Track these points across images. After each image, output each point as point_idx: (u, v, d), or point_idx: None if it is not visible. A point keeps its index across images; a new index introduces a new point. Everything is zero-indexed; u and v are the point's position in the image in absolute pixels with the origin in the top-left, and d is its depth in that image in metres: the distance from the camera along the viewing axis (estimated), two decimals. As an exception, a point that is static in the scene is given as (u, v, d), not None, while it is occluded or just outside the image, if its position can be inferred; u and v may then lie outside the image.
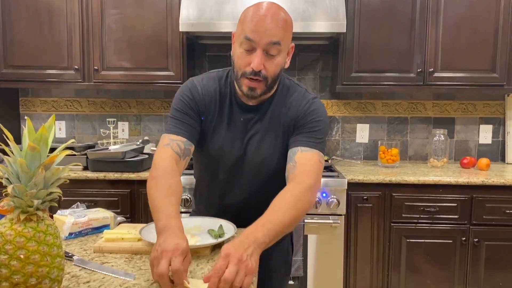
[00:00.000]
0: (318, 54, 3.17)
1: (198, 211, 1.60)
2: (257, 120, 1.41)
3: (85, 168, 2.65)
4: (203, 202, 1.58)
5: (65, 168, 0.94)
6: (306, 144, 1.35)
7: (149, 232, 1.28)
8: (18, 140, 3.36)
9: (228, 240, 1.26)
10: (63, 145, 0.97)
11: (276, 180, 1.40)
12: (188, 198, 2.46)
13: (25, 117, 0.93)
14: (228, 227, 1.32)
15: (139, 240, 1.25)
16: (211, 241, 1.22)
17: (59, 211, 1.43)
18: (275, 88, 1.41)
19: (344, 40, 2.77)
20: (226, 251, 0.98)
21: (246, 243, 1.03)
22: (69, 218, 1.35)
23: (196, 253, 1.19)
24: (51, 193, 0.92)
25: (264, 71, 1.29)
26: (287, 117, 1.40)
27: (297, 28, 2.57)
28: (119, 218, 1.47)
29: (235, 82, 1.37)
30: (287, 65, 1.40)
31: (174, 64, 2.83)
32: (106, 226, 1.43)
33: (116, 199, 2.58)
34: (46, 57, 2.86)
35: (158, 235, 1.06)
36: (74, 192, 2.58)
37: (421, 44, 2.76)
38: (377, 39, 2.76)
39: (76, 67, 2.84)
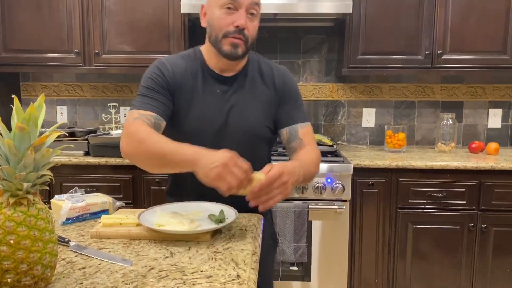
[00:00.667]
0: (323, 36, 3.09)
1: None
2: (234, 91, 1.42)
3: (87, 154, 2.62)
4: (183, 190, 1.46)
5: (56, 150, 0.89)
6: (301, 120, 1.46)
7: (148, 216, 1.25)
8: (19, 125, 3.26)
9: (229, 225, 1.23)
10: (55, 126, 0.92)
11: (258, 150, 1.45)
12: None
13: (12, 96, 0.88)
14: (229, 212, 1.28)
15: (138, 225, 1.21)
16: (212, 226, 1.18)
17: (56, 196, 1.39)
18: (246, 58, 1.45)
19: (350, 21, 2.69)
20: (282, 168, 1.12)
21: (295, 173, 1.19)
22: (66, 203, 1.32)
23: (196, 238, 1.15)
24: (42, 176, 0.88)
25: (246, 31, 1.33)
26: (266, 88, 1.45)
27: (302, 8, 2.52)
28: (118, 203, 1.44)
29: (213, 47, 1.38)
30: None
31: (176, 48, 2.77)
32: (104, 211, 1.39)
33: (118, 184, 2.55)
34: (46, 41, 2.81)
35: (197, 162, 1.11)
36: (76, 178, 2.55)
37: (429, 25, 2.68)
38: (384, 20, 2.68)
39: (77, 50, 2.79)
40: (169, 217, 1.24)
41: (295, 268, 2.44)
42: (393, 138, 2.82)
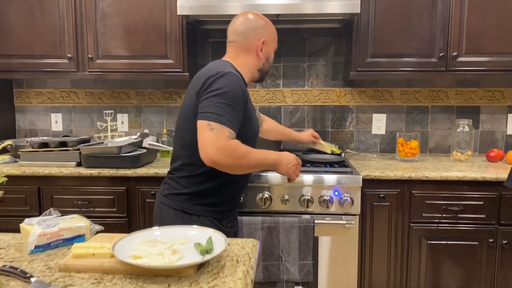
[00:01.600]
0: (330, 38, 2.92)
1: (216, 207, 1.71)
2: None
3: (79, 164, 2.48)
4: (229, 194, 1.71)
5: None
6: None
7: (126, 245, 1.09)
8: (13, 135, 3.19)
9: (217, 256, 1.07)
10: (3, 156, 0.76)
11: None
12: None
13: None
14: (218, 239, 1.11)
15: (113, 256, 1.05)
16: (196, 259, 1.02)
17: (26, 220, 1.24)
18: None
19: (358, 21, 2.52)
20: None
21: None
22: (35, 229, 1.17)
23: (177, 273, 1.00)
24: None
25: None
26: None
27: (306, 9, 2.35)
28: (97, 227, 1.28)
29: (258, 73, 1.78)
30: None
31: (174, 51, 2.62)
32: (80, 237, 1.24)
33: (112, 197, 2.40)
34: (38, 45, 2.68)
35: (280, 163, 1.65)
36: (67, 190, 2.41)
37: (443, 26, 2.49)
38: (395, 20, 2.51)
39: (70, 55, 2.65)
40: (149, 245, 1.09)
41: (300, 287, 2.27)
42: (405, 147, 2.63)
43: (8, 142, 0.77)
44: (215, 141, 1.42)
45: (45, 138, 2.78)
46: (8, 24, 2.67)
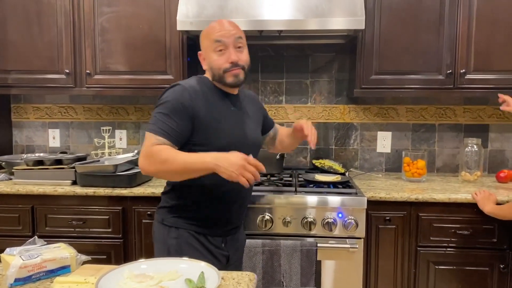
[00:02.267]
0: (333, 54, 2.85)
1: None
2: (240, 108, 1.70)
3: (74, 183, 2.40)
4: (213, 211, 1.63)
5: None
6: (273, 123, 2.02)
7: (111, 280, 1.00)
8: (9, 151, 3.13)
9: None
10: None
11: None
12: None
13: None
14: (211, 274, 1.03)
15: (97, 293, 0.97)
16: (186, 299, 0.93)
17: (7, 249, 1.16)
18: None
19: (363, 38, 2.45)
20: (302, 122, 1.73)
21: None
22: (16, 260, 1.09)
23: (166, 314, 0.91)
24: None
25: (240, 61, 1.61)
26: (253, 106, 1.80)
27: (311, 25, 2.30)
28: (83, 257, 1.20)
29: (219, 83, 1.63)
30: None
31: (174, 67, 2.56)
32: (65, 268, 1.16)
33: (107, 217, 2.32)
34: (36, 60, 2.62)
35: (218, 166, 1.39)
36: (61, 210, 2.33)
37: (451, 43, 2.42)
38: (400, 37, 2.44)
39: (67, 71, 2.59)
40: (136, 281, 1.00)
41: (301, 314, 2.17)
42: (411, 166, 2.54)
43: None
44: (142, 150, 1.50)
45: (40, 155, 2.71)
46: (5, 39, 2.62)
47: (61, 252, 1.17)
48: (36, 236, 1.25)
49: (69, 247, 1.21)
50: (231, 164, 1.38)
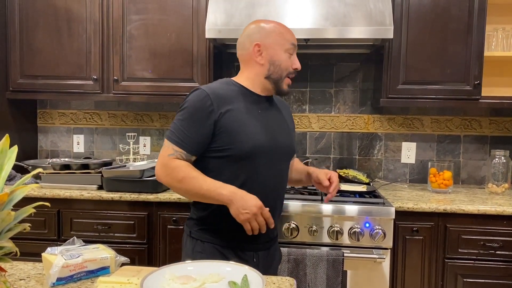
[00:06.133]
0: (358, 64, 2.85)
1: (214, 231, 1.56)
2: (271, 111, 1.62)
3: (100, 188, 2.42)
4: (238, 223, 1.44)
5: (25, 210, 0.67)
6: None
7: (154, 281, 1.00)
8: (34, 155, 3.16)
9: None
10: (23, 178, 0.69)
11: (289, 166, 1.71)
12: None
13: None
14: (255, 278, 1.02)
15: (141, 293, 0.97)
16: (232, 301, 0.93)
17: (49, 249, 1.17)
18: None
19: (390, 47, 2.45)
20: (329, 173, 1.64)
21: None
22: (58, 260, 1.09)
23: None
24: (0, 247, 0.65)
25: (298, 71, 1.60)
26: (283, 111, 1.70)
27: (336, 34, 2.30)
28: (123, 259, 1.20)
29: (270, 83, 1.56)
30: None
31: (200, 75, 2.58)
32: (105, 269, 1.16)
33: (132, 222, 2.33)
34: (64, 67, 2.67)
35: (231, 203, 1.37)
36: (87, 214, 2.35)
37: (479, 53, 2.41)
38: (428, 46, 2.43)
39: (95, 77, 2.63)
40: (180, 282, 1.00)
41: (327, 325, 2.14)
42: (437, 177, 2.52)
43: (39, 170, 0.71)
44: (160, 157, 1.48)
45: (66, 159, 2.74)
46: (34, 45, 2.67)
47: (100, 253, 1.18)
48: (75, 237, 1.25)
49: (108, 248, 1.21)
50: (246, 207, 1.35)
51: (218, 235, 1.53)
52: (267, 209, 1.38)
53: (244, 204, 1.36)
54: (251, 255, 1.56)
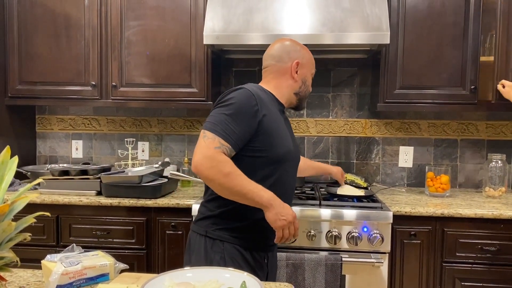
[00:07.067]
0: (355, 69, 2.87)
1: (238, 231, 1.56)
2: (286, 119, 1.73)
3: (99, 193, 2.42)
4: (261, 217, 1.47)
5: (26, 220, 0.67)
6: None
7: (154, 288, 1.01)
8: (33, 161, 3.17)
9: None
10: (24, 188, 0.70)
11: None
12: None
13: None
14: (253, 284, 1.03)
15: (140, 300, 0.98)
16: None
17: (48, 256, 1.17)
18: None
19: (387, 52, 2.47)
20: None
21: None
22: (57, 267, 1.10)
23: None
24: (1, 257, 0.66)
25: None
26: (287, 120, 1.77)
27: (333, 39, 2.31)
28: (121, 265, 1.21)
29: (296, 98, 1.70)
30: None
31: (198, 80, 2.59)
32: (104, 276, 1.16)
33: (131, 228, 2.34)
34: (62, 73, 2.68)
35: (271, 208, 1.41)
36: (86, 219, 2.35)
37: (475, 58, 2.43)
38: (424, 51, 2.45)
39: (93, 83, 2.64)
40: (179, 290, 1.01)
41: (325, 329, 2.14)
42: (435, 181, 2.53)
43: (40, 180, 0.71)
44: (202, 148, 1.42)
45: (65, 165, 2.75)
46: (33, 51, 2.68)
47: (100, 259, 1.18)
48: (74, 244, 1.26)
49: (107, 255, 1.22)
50: (284, 213, 1.41)
51: (238, 234, 1.53)
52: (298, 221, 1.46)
53: (283, 211, 1.41)
54: (263, 256, 1.61)
